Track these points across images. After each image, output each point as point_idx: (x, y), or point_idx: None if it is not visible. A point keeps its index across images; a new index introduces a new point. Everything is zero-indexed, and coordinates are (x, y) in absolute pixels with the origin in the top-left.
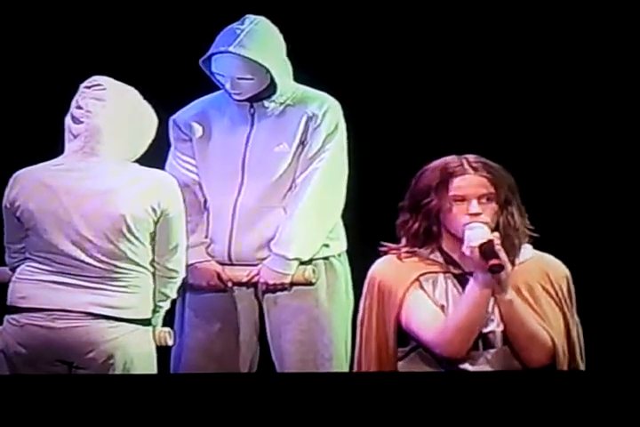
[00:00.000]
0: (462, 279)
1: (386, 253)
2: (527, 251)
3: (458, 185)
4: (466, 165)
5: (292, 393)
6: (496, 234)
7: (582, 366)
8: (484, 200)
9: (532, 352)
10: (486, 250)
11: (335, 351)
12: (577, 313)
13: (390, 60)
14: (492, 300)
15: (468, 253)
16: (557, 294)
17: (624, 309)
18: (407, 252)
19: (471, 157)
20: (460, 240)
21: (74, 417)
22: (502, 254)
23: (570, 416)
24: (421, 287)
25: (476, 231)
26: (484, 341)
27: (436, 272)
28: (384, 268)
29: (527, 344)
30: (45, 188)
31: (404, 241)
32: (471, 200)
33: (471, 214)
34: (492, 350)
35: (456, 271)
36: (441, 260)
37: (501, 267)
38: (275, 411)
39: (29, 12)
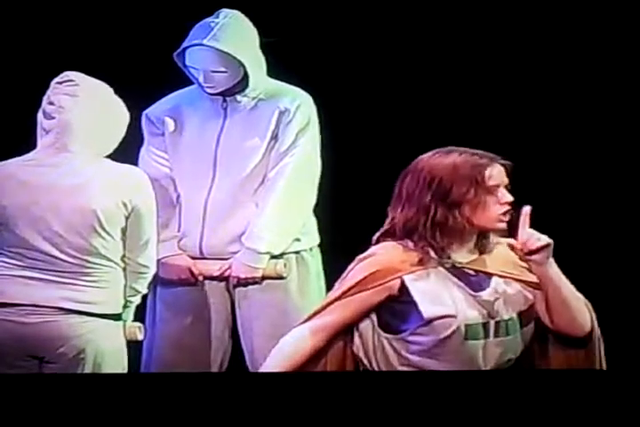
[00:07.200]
0: (456, 272)
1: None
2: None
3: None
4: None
5: (266, 392)
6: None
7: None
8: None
9: (577, 314)
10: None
11: None
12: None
13: (365, 56)
14: (502, 297)
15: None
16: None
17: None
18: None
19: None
20: (456, 233)
21: (44, 416)
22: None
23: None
24: (416, 280)
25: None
26: (495, 329)
27: (425, 267)
28: (385, 249)
29: (576, 305)
30: (17, 183)
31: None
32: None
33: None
34: (502, 338)
35: (448, 264)
36: (432, 253)
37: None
38: (248, 410)
39: None
